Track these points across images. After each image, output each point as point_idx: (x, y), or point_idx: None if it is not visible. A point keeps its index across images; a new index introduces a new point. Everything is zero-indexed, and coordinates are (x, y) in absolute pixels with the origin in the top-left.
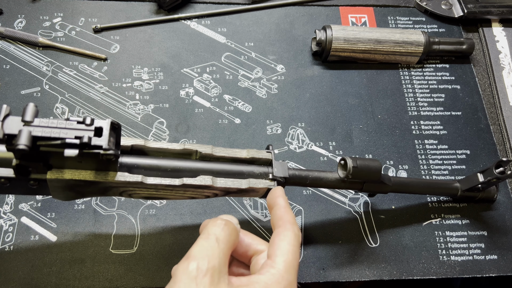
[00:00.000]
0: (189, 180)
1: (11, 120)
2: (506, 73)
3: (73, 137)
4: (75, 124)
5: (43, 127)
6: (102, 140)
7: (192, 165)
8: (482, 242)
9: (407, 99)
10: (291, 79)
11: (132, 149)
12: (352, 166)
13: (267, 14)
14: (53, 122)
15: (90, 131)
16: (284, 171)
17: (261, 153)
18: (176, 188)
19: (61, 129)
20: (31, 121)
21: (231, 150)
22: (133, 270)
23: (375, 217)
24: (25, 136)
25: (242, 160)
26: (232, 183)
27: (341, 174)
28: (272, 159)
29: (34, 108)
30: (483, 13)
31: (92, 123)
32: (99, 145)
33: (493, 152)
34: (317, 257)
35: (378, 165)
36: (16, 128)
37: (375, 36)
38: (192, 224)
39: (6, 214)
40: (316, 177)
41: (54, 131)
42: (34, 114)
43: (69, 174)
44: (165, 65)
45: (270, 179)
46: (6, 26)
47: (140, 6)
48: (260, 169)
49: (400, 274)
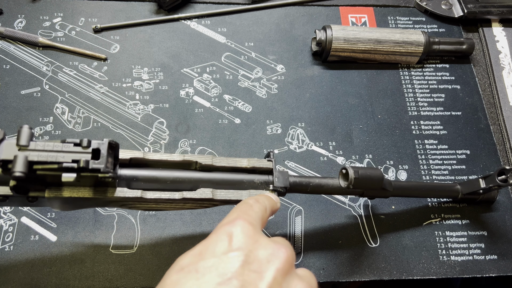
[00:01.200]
0: (189, 194)
1: (6, 144)
2: (506, 73)
3: (70, 161)
4: (71, 146)
5: (39, 151)
6: (100, 162)
7: (192, 176)
8: (482, 242)
9: (407, 99)
10: (291, 79)
11: (131, 161)
12: (354, 177)
13: (267, 14)
14: (49, 144)
15: (87, 154)
16: (285, 181)
17: (262, 162)
18: (176, 201)
19: (58, 152)
20: (27, 145)
21: (232, 160)
22: (133, 270)
23: (375, 217)
24: (21, 162)
25: (242, 170)
26: (232, 195)
27: (343, 184)
28: (273, 168)
29: (28, 131)
30: (483, 13)
31: (89, 145)
32: (97, 168)
33: (493, 152)
34: (317, 257)
35: (380, 174)
36: (11, 153)
37: (375, 36)
38: (192, 224)
39: (6, 214)
40: (317, 184)
41: (50, 155)
42: (29, 138)
43: (68, 192)
44: (165, 65)
45: (271, 190)
46: (6, 26)
47: (140, 6)
48: (261, 178)
49: (400, 274)
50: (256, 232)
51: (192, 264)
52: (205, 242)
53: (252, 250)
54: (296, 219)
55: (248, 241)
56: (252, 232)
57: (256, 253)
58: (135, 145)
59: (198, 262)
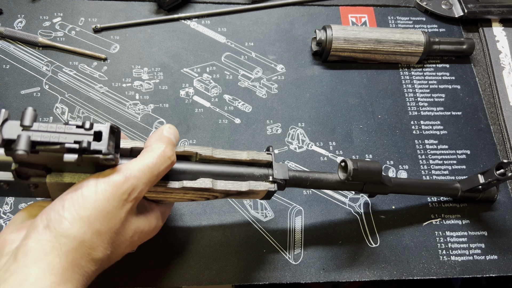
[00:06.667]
0: (188, 183)
1: (9, 124)
2: (506, 73)
3: (72, 142)
4: (74, 128)
5: (42, 132)
6: (101, 144)
7: (192, 167)
8: (482, 242)
9: (407, 99)
10: (291, 79)
11: (132, 151)
12: (352, 169)
13: (267, 14)
14: (52, 126)
15: (90, 136)
16: (284, 173)
17: (261, 154)
18: (176, 190)
19: (60, 133)
20: (30, 126)
21: (231, 152)
22: (133, 270)
23: (375, 217)
24: (24, 141)
25: (242, 162)
26: (232, 185)
27: (342, 176)
28: (272, 161)
29: (32, 112)
30: (483, 13)
31: (91, 127)
32: (99, 149)
33: (493, 152)
34: (317, 257)
35: (379, 166)
36: (15, 133)
37: (375, 36)
38: (192, 224)
39: (6, 214)
40: (316, 178)
41: (53, 136)
42: (33, 119)
43: (69, 178)
44: (165, 65)
45: (270, 182)
46: (6, 26)
47: (140, 6)
48: (260, 171)
49: (400, 274)
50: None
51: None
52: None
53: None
54: (296, 219)
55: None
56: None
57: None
58: None
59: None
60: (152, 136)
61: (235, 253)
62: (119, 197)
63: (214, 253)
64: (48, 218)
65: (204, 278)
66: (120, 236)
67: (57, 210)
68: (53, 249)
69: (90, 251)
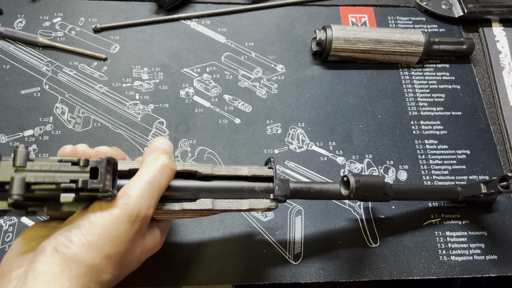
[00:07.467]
0: (188, 205)
1: (2, 165)
2: (506, 73)
3: (68, 181)
4: (69, 166)
5: (36, 172)
6: (98, 182)
7: (191, 185)
8: (482, 242)
9: (407, 99)
10: (291, 79)
11: (129, 172)
12: (355, 187)
13: (267, 14)
14: (46, 165)
15: (85, 173)
16: (286, 189)
17: (263, 169)
18: (175, 212)
19: (55, 172)
20: (24, 166)
21: (232, 168)
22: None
23: (375, 217)
24: (18, 184)
25: (243, 178)
26: (232, 204)
27: (344, 192)
28: (274, 176)
29: (25, 151)
30: (483, 13)
31: (86, 164)
32: (96, 188)
33: (493, 152)
34: (317, 257)
35: (381, 181)
36: (8, 174)
37: (375, 36)
38: (192, 224)
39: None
40: (317, 190)
41: (48, 176)
42: (26, 158)
43: (67, 207)
44: (165, 65)
45: (271, 200)
46: (6, 26)
47: (140, 6)
48: (261, 186)
49: (400, 274)
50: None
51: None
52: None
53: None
54: (296, 219)
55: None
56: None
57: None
58: (135, 145)
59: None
60: (146, 152)
61: (235, 253)
62: (127, 219)
63: (214, 253)
64: (55, 242)
65: (204, 278)
66: (129, 256)
67: (65, 234)
68: (62, 273)
69: (99, 273)
